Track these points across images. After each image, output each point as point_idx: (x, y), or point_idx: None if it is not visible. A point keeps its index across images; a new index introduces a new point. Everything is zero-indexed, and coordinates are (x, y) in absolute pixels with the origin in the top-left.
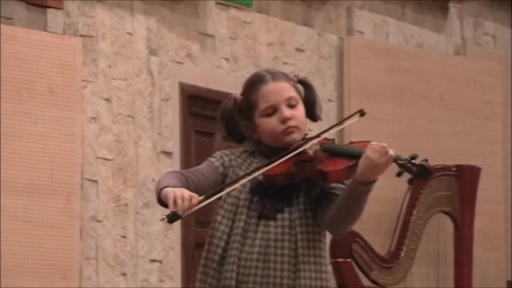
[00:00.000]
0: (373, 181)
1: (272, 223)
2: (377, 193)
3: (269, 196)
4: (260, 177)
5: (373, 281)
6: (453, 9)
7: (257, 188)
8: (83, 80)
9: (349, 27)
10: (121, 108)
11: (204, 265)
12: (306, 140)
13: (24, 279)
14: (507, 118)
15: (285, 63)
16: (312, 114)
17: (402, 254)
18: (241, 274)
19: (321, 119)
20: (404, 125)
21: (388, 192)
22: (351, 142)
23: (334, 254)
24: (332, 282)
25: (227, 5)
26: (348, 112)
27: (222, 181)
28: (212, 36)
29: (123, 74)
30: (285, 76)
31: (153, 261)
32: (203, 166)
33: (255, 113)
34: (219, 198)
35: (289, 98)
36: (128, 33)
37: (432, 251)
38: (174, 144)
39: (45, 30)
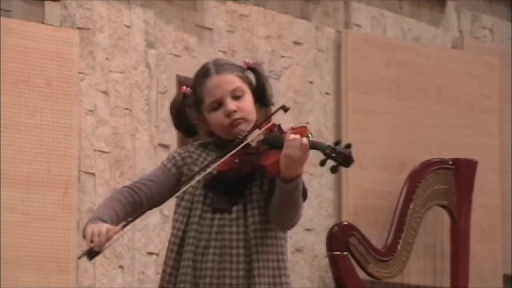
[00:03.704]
0: (298, 176)
1: (226, 215)
2: (374, 186)
3: (222, 190)
4: (214, 172)
5: (370, 274)
6: (450, 2)
7: (210, 183)
8: (80, 73)
9: (347, 21)
10: (118, 101)
11: (164, 262)
12: (251, 130)
13: (21, 271)
14: (504, 112)
15: (282, 56)
16: (263, 99)
17: (399, 247)
18: (198, 269)
19: (272, 104)
20: (401, 118)
21: (384, 186)
22: (292, 128)
23: (330, 247)
24: (289, 272)
25: None
26: (346, 106)
27: (178, 181)
28: (210, 29)
29: (121, 67)
30: (230, 67)
31: (150, 254)
32: (156, 171)
33: (203, 108)
34: (183, 193)
35: (233, 90)
36: (126, 25)
37: (428, 244)
38: (171, 136)
39: (43, 23)
